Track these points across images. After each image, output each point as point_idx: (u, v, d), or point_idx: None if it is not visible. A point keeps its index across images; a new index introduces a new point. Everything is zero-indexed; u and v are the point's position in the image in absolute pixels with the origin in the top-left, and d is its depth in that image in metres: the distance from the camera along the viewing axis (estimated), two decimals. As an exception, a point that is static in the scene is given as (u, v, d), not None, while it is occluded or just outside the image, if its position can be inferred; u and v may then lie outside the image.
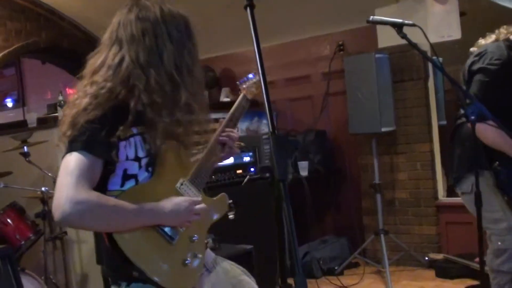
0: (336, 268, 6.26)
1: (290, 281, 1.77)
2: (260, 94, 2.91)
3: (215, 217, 2.67)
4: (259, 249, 4.34)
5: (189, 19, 2.45)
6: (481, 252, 3.32)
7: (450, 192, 7.16)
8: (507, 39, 3.54)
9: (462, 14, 6.74)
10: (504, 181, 3.48)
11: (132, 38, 2.30)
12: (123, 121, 2.20)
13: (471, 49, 3.68)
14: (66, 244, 5.37)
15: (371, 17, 3.34)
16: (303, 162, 6.37)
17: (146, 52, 2.29)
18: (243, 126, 6.83)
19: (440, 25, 6.18)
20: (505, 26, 3.59)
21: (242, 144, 5.49)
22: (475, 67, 3.55)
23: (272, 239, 2.08)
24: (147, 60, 2.28)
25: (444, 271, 5.87)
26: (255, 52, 1.88)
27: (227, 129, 2.71)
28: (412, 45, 3.23)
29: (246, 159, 5.35)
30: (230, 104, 7.29)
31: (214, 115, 6.32)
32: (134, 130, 2.26)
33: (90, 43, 7.64)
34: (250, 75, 2.97)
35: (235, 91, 7.49)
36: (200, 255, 2.46)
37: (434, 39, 6.05)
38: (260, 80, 2.91)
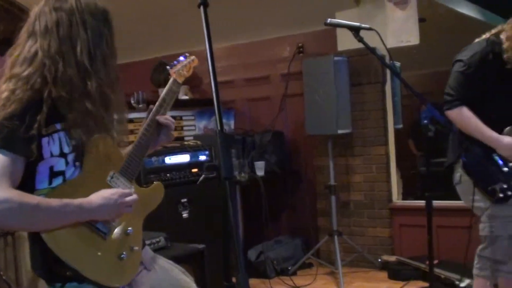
0: (289, 268, 6.29)
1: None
2: (187, 75, 2.89)
3: (150, 208, 2.62)
4: (212, 248, 4.33)
5: (109, 11, 2.41)
6: (430, 255, 3.38)
7: (405, 195, 7.26)
8: (495, 36, 3.61)
9: (422, 20, 6.83)
10: (467, 164, 3.57)
11: (46, 29, 2.26)
12: (39, 113, 2.15)
13: None
14: (17, 240, 5.29)
15: (329, 19, 3.37)
16: (260, 162, 6.37)
17: (57, 42, 2.25)
18: (200, 124, 6.82)
19: (399, 30, 6.23)
20: (499, 27, 3.69)
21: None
22: (455, 58, 3.71)
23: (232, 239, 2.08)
24: (57, 51, 2.24)
25: (396, 273, 5.93)
26: (206, 50, 1.88)
27: (159, 116, 2.63)
28: (369, 49, 3.27)
29: (202, 157, 5.34)
30: (189, 102, 7.26)
31: (172, 113, 6.29)
32: (58, 126, 2.22)
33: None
34: (181, 58, 2.91)
35: (193, 89, 7.48)
36: (136, 248, 2.41)
37: (393, 43, 6.14)
38: (191, 62, 2.90)
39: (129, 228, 2.40)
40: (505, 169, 3.55)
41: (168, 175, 5.03)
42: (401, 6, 6.25)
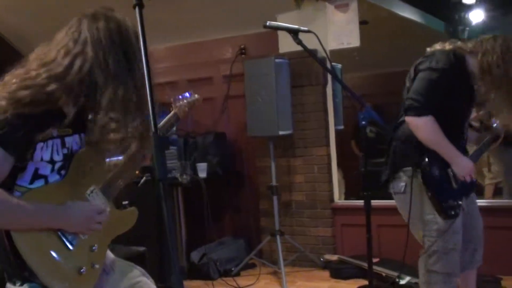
0: (232, 269, 6.31)
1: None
2: (188, 112, 2.90)
3: (121, 231, 2.63)
4: (153, 250, 4.32)
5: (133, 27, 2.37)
6: (369, 253, 3.42)
7: (348, 195, 7.37)
8: (459, 49, 3.62)
9: (364, 22, 6.93)
10: (429, 176, 3.56)
11: (99, 42, 2.23)
12: (53, 125, 2.16)
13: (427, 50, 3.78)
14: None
15: (268, 22, 3.38)
16: (202, 164, 6.37)
17: (115, 61, 2.22)
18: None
19: (340, 32, 6.31)
20: (459, 42, 3.69)
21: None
22: (422, 66, 3.61)
23: (166, 240, 2.09)
24: (117, 70, 2.22)
25: (338, 271, 6.00)
26: (141, 50, 1.88)
27: None
28: (308, 51, 3.29)
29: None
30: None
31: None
32: (54, 133, 2.21)
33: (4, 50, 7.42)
34: (186, 94, 2.92)
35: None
36: (97, 266, 2.40)
37: (334, 46, 6.22)
38: (195, 101, 2.91)
39: (95, 245, 2.40)
40: (455, 186, 3.61)
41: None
42: (342, 9, 6.32)
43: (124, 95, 2.21)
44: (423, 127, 3.54)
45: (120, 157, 2.55)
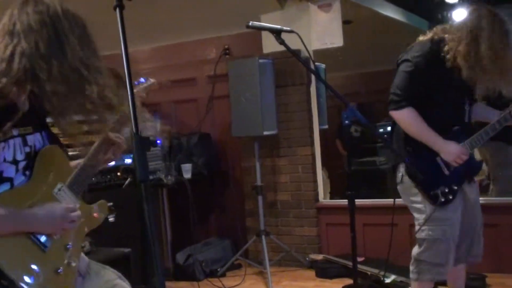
0: (218, 270, 6.31)
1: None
2: (145, 97, 2.89)
3: (92, 225, 2.60)
4: (138, 252, 4.31)
5: (87, 22, 2.38)
6: (354, 253, 3.43)
7: (333, 194, 7.39)
8: (438, 36, 3.62)
9: (347, 22, 6.94)
10: (412, 168, 3.57)
11: (30, 28, 2.18)
12: (9, 120, 2.12)
13: None
14: None
15: (251, 22, 3.38)
16: (187, 165, 6.36)
17: (46, 43, 2.18)
18: (126, 128, 6.75)
19: (323, 32, 6.33)
20: (439, 26, 3.70)
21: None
22: (400, 60, 3.67)
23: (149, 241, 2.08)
24: (47, 50, 2.17)
25: (324, 271, 6.01)
26: (121, 51, 1.87)
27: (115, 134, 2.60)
28: (290, 51, 3.29)
29: (128, 161, 5.31)
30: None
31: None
32: (15, 132, 2.18)
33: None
34: (142, 79, 2.91)
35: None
36: (73, 264, 2.39)
37: (317, 45, 6.23)
38: (151, 85, 2.90)
39: (69, 243, 2.38)
40: (447, 172, 3.62)
41: (94, 178, 4.97)
42: (325, 8, 6.34)
43: (60, 75, 2.17)
44: (402, 119, 3.61)
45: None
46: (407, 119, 3.60)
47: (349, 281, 5.63)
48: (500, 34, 3.45)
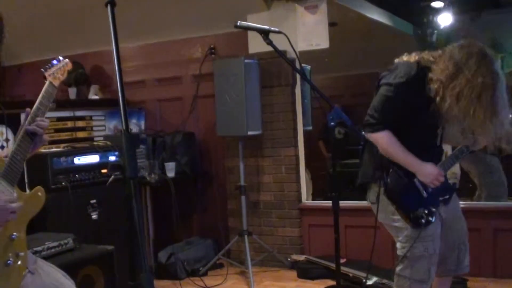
0: (200, 269, 6.31)
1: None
2: (62, 78, 2.88)
3: (33, 212, 2.61)
4: (121, 249, 4.30)
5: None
6: (337, 254, 3.45)
7: (316, 196, 7.40)
8: (425, 62, 3.59)
9: (333, 24, 6.96)
10: (390, 189, 3.58)
11: None
12: None
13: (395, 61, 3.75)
14: None
15: (239, 22, 3.39)
16: (170, 163, 6.35)
17: None
18: (110, 124, 6.75)
19: (309, 34, 6.34)
20: (427, 52, 3.66)
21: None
22: (383, 81, 3.61)
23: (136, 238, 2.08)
24: None
25: (305, 272, 6.02)
26: (112, 49, 1.88)
27: (37, 118, 2.60)
28: (278, 52, 3.31)
29: (112, 158, 5.30)
30: (99, 102, 7.18)
31: (82, 113, 6.20)
32: None
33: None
34: (54, 61, 2.90)
35: (104, 88, 7.39)
36: (21, 253, 2.40)
37: (303, 47, 6.25)
38: (65, 65, 2.89)
39: (14, 234, 2.38)
40: (425, 194, 3.61)
41: (77, 175, 4.97)
42: (311, 10, 6.35)
43: None
44: (379, 142, 3.58)
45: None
46: (384, 142, 3.56)
47: (331, 282, 5.66)
48: (483, 76, 3.41)
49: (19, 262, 2.36)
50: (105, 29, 2.13)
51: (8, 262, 2.29)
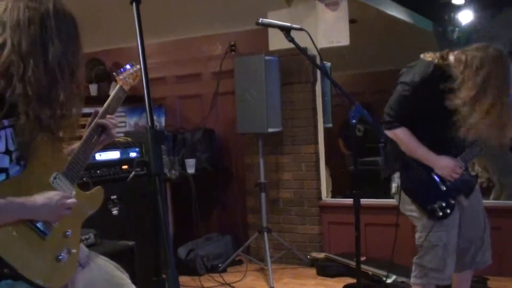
0: (219, 265, 6.32)
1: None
2: (136, 84, 2.92)
3: (90, 211, 2.64)
4: (142, 245, 4.32)
5: (78, 20, 2.37)
6: (358, 252, 3.44)
7: (335, 193, 7.38)
8: (443, 62, 3.61)
9: (352, 21, 6.93)
10: (407, 184, 3.67)
11: (18, 23, 2.17)
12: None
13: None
14: None
15: (261, 19, 3.40)
16: (190, 160, 6.37)
17: (28, 41, 2.17)
18: (131, 121, 6.78)
19: (330, 31, 6.33)
20: (450, 52, 3.67)
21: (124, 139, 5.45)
22: (400, 79, 3.71)
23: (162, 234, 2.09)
24: (28, 49, 2.16)
25: (325, 269, 6.01)
26: (138, 47, 1.88)
27: (108, 116, 2.67)
28: (299, 49, 3.30)
29: (132, 154, 5.32)
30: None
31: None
32: (5, 122, 2.19)
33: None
34: (127, 66, 2.95)
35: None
36: (74, 251, 2.42)
37: (323, 44, 6.23)
38: (137, 71, 2.92)
39: (68, 230, 2.41)
40: (443, 187, 3.68)
41: (98, 171, 4.99)
42: (332, 7, 6.34)
43: (33, 77, 2.16)
44: (396, 138, 3.71)
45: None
46: (400, 138, 3.69)
47: (350, 280, 5.65)
48: (498, 79, 3.45)
49: (70, 259, 2.39)
50: (125, 26, 2.14)
51: (60, 257, 2.32)
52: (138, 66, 2.96)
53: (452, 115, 3.54)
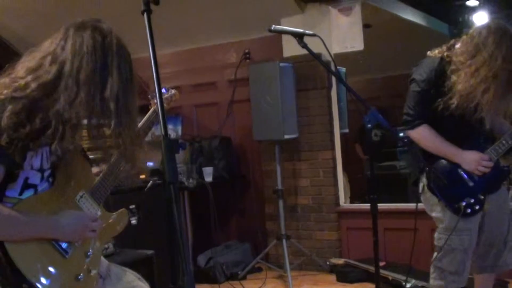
0: (239, 273, 6.32)
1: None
2: (167, 108, 2.94)
3: (113, 233, 2.66)
4: (161, 254, 4.33)
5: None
6: (376, 257, 3.43)
7: (353, 198, 7.37)
8: (448, 55, 3.60)
9: (367, 26, 6.92)
10: (432, 183, 3.63)
11: (80, 48, 2.19)
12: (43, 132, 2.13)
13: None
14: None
15: (273, 26, 3.40)
16: (208, 168, 6.39)
17: (89, 69, 2.17)
18: (148, 131, 6.79)
19: (343, 36, 6.32)
20: (452, 42, 3.67)
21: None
22: (411, 77, 3.70)
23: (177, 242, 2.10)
24: (87, 77, 2.17)
25: (344, 275, 5.99)
26: (150, 56, 1.90)
27: None
28: (313, 55, 3.30)
29: (150, 164, 5.34)
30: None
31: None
32: (43, 141, 2.18)
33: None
34: (163, 90, 2.96)
35: (140, 95, 7.44)
36: (94, 271, 2.43)
37: (337, 49, 6.22)
38: (172, 96, 2.94)
39: (90, 251, 2.42)
40: (471, 183, 3.62)
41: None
42: (345, 12, 6.33)
43: (90, 101, 2.17)
44: (418, 138, 3.68)
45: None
46: (423, 137, 3.66)
47: (370, 286, 5.63)
48: (505, 53, 3.39)
49: (89, 280, 2.39)
50: (140, 36, 2.15)
51: (79, 277, 2.32)
52: (173, 91, 2.98)
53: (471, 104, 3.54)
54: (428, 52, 3.73)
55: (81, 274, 2.34)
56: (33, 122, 2.10)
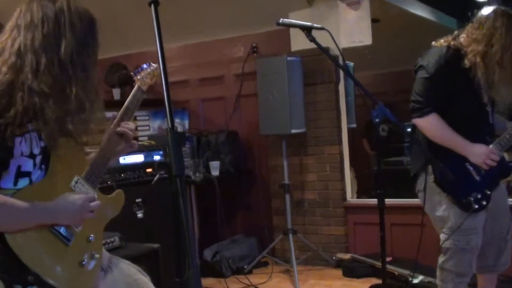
0: (245, 267, 6.32)
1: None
2: (155, 84, 2.91)
3: (111, 215, 2.64)
4: (167, 248, 4.33)
5: (96, 21, 2.39)
6: (383, 252, 3.42)
7: (360, 193, 7.35)
8: (455, 44, 3.58)
9: (375, 20, 6.89)
10: (441, 178, 3.56)
11: (31, 23, 2.22)
12: (12, 109, 2.12)
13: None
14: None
15: (281, 19, 3.38)
16: (214, 162, 6.38)
17: (41, 37, 2.21)
18: (155, 124, 6.80)
19: (351, 30, 6.30)
20: (456, 32, 3.67)
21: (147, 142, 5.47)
22: (417, 66, 3.65)
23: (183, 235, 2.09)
24: (41, 45, 2.20)
25: (351, 270, 6.00)
26: (157, 49, 1.89)
27: (124, 122, 2.64)
28: (321, 49, 3.28)
29: (156, 157, 5.33)
30: (143, 101, 7.23)
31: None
32: (29, 126, 2.20)
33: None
34: (144, 65, 2.93)
35: (148, 89, 7.43)
36: (97, 255, 2.43)
37: (345, 44, 6.20)
38: (154, 70, 2.92)
39: (91, 235, 2.42)
40: (478, 178, 3.58)
41: (122, 175, 5.01)
42: (353, 6, 6.31)
43: (51, 67, 2.20)
44: (427, 126, 3.59)
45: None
46: (432, 125, 3.57)
47: (376, 281, 5.62)
48: (504, 30, 3.45)
49: (93, 263, 2.39)
50: (148, 30, 2.14)
51: (83, 263, 2.33)
52: (154, 65, 2.95)
53: (480, 96, 3.52)
54: (433, 42, 3.72)
55: (85, 259, 2.35)
56: (16, 103, 2.11)
